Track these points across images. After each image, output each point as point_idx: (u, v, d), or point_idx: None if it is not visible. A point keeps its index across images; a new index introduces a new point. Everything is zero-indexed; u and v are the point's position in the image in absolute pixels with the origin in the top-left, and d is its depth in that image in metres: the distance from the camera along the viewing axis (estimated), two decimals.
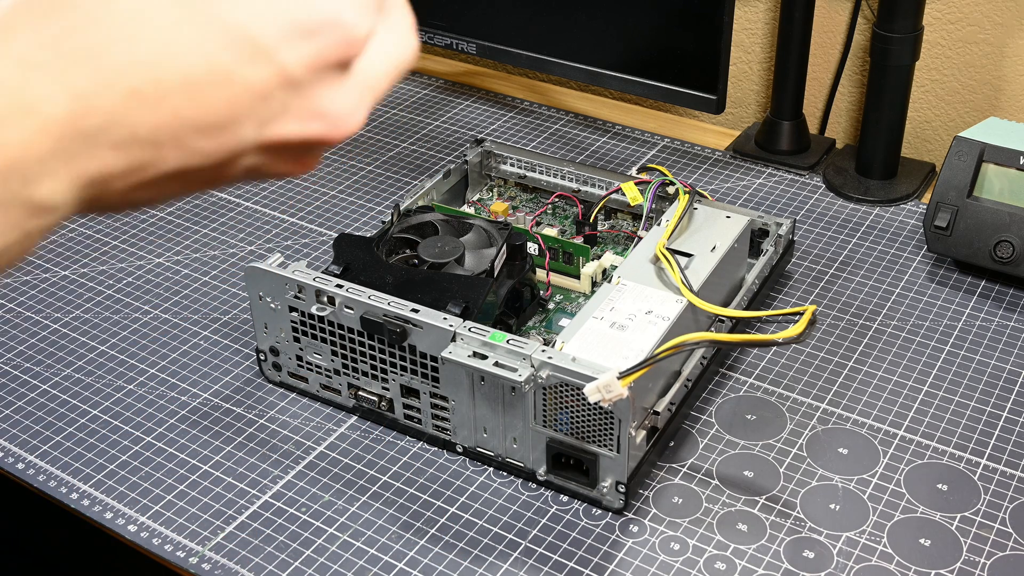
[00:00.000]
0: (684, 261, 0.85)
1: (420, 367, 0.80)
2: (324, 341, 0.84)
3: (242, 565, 0.74)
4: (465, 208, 1.05)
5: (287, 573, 0.73)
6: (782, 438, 0.83)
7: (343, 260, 0.86)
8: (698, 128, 1.26)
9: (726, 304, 0.90)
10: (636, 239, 0.93)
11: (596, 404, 0.69)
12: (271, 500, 0.79)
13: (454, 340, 0.77)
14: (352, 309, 0.81)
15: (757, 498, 0.78)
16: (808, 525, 0.75)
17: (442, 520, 0.77)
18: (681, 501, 0.78)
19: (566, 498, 0.78)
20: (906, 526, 0.75)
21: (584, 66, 1.11)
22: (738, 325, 0.89)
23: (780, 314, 0.90)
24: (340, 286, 0.81)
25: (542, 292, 0.93)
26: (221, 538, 0.76)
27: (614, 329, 0.78)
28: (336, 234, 0.99)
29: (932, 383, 0.87)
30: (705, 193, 0.97)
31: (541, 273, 0.94)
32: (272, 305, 0.85)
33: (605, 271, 0.95)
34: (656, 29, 1.06)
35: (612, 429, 0.73)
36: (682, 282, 0.81)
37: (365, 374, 0.83)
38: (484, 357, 0.75)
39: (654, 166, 1.01)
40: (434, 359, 0.78)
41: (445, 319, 0.78)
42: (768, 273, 0.95)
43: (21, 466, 0.82)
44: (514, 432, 0.78)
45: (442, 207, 0.97)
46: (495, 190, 1.07)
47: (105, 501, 0.79)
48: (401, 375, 0.81)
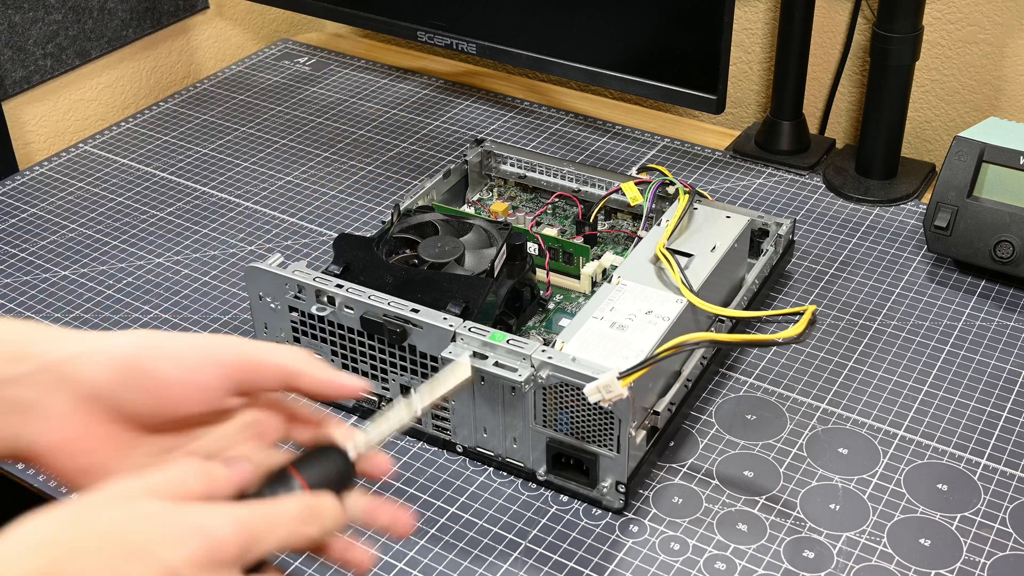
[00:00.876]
0: (684, 261, 0.85)
1: (420, 367, 0.80)
2: (324, 341, 0.84)
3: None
4: (465, 208, 1.05)
5: (287, 573, 0.73)
6: (782, 438, 0.83)
7: (343, 260, 0.86)
8: (698, 128, 1.26)
9: (726, 304, 0.90)
10: (636, 239, 0.93)
11: (596, 404, 0.69)
12: None
13: (454, 340, 0.77)
14: (352, 309, 0.81)
15: (757, 498, 0.78)
16: (808, 525, 0.75)
17: (442, 520, 0.77)
18: (681, 501, 0.78)
19: (566, 498, 0.78)
20: (906, 526, 0.75)
21: (584, 66, 1.11)
22: (738, 325, 0.89)
23: (780, 314, 0.90)
24: (340, 286, 0.81)
25: (542, 292, 0.93)
26: None
27: (614, 329, 0.78)
28: (336, 234, 0.99)
29: (932, 383, 0.87)
30: (705, 193, 0.97)
31: (541, 273, 0.94)
32: (272, 305, 0.85)
33: (605, 271, 0.95)
34: (656, 29, 1.06)
35: (612, 429, 0.73)
36: (682, 282, 0.81)
37: (365, 374, 0.83)
38: (484, 357, 0.75)
39: (654, 166, 1.01)
40: (434, 359, 0.78)
41: (445, 319, 0.78)
42: (768, 273, 0.95)
43: (21, 466, 0.82)
44: (514, 432, 0.78)
45: (442, 207, 0.97)
46: (495, 190, 1.07)
47: None
48: (401, 375, 0.81)
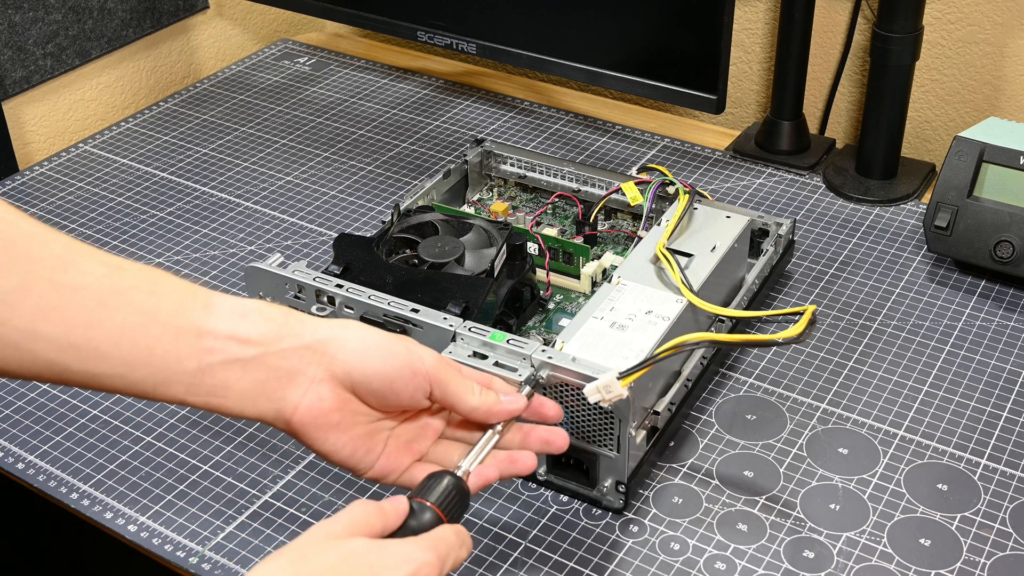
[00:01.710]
0: (684, 261, 0.85)
1: None
2: None
3: (242, 565, 0.74)
4: (465, 208, 1.05)
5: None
6: (782, 438, 0.83)
7: (343, 260, 0.86)
8: (698, 128, 1.26)
9: (726, 304, 0.90)
10: (636, 239, 0.93)
11: (596, 404, 0.69)
12: (271, 500, 0.79)
13: (454, 340, 0.77)
14: (352, 309, 0.81)
15: (757, 498, 0.78)
16: (808, 525, 0.75)
17: None
18: (681, 501, 0.78)
19: (566, 498, 0.78)
20: (906, 526, 0.75)
21: (584, 66, 1.11)
22: (738, 325, 0.89)
23: (780, 314, 0.90)
24: (340, 286, 0.81)
25: (542, 292, 0.93)
26: (221, 538, 0.76)
27: (614, 329, 0.78)
28: (336, 234, 0.99)
29: (932, 383, 0.87)
30: (705, 193, 0.97)
31: (541, 273, 0.94)
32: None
33: (605, 271, 0.95)
34: (656, 29, 1.06)
35: (612, 429, 0.73)
36: (682, 282, 0.81)
37: None
38: (484, 357, 0.75)
39: (654, 166, 1.01)
40: None
41: (445, 319, 0.78)
42: (768, 273, 0.95)
43: (21, 466, 0.82)
44: None
45: (442, 207, 0.97)
46: (495, 190, 1.07)
47: (105, 501, 0.79)
48: None
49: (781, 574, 0.72)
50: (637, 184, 0.98)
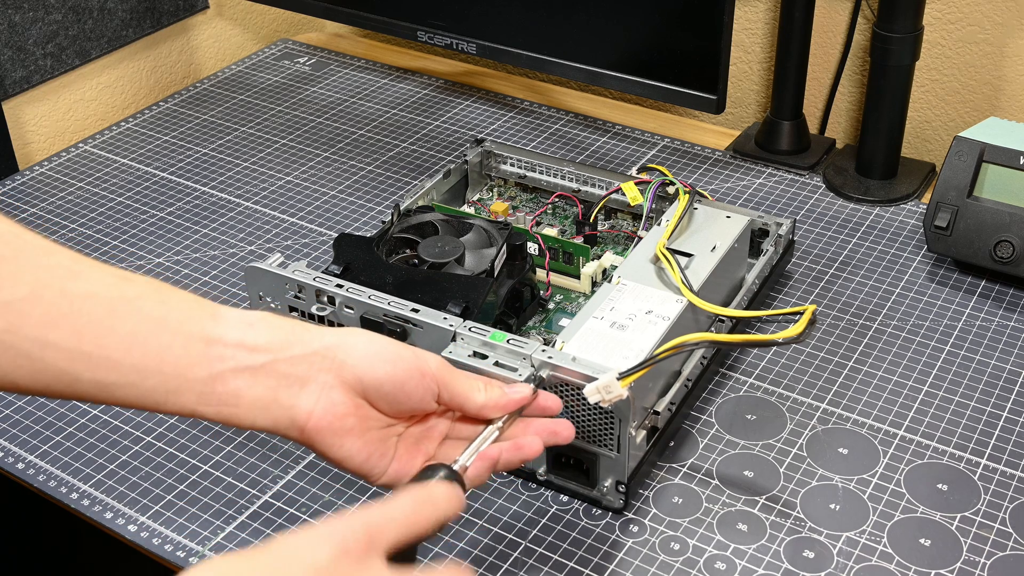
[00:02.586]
0: (684, 261, 0.85)
1: None
2: None
3: None
4: (465, 208, 1.05)
5: None
6: (782, 438, 0.83)
7: (343, 260, 0.86)
8: (698, 128, 1.26)
9: (726, 304, 0.90)
10: (636, 239, 0.93)
11: (596, 404, 0.69)
12: (271, 500, 0.79)
13: (454, 340, 0.77)
14: (352, 309, 0.81)
15: (757, 498, 0.78)
16: (808, 525, 0.75)
17: None
18: (681, 501, 0.78)
19: (566, 498, 0.78)
20: (906, 526, 0.75)
21: (584, 66, 1.11)
22: (738, 325, 0.89)
23: (780, 314, 0.90)
24: (340, 286, 0.81)
25: (542, 292, 0.93)
26: (221, 538, 0.76)
27: (614, 329, 0.78)
28: (336, 234, 0.99)
29: (932, 383, 0.87)
30: (705, 193, 0.97)
31: (541, 273, 0.94)
32: (272, 305, 0.85)
33: (605, 271, 0.95)
34: (656, 29, 1.06)
35: (612, 429, 0.73)
36: (682, 282, 0.81)
37: None
38: (484, 357, 0.75)
39: (654, 166, 1.01)
40: None
41: (445, 319, 0.78)
42: (768, 273, 0.95)
43: (21, 466, 0.82)
44: None
45: (442, 207, 0.97)
46: (495, 190, 1.07)
47: (105, 501, 0.79)
48: None
49: (781, 574, 0.72)
50: (637, 184, 0.98)
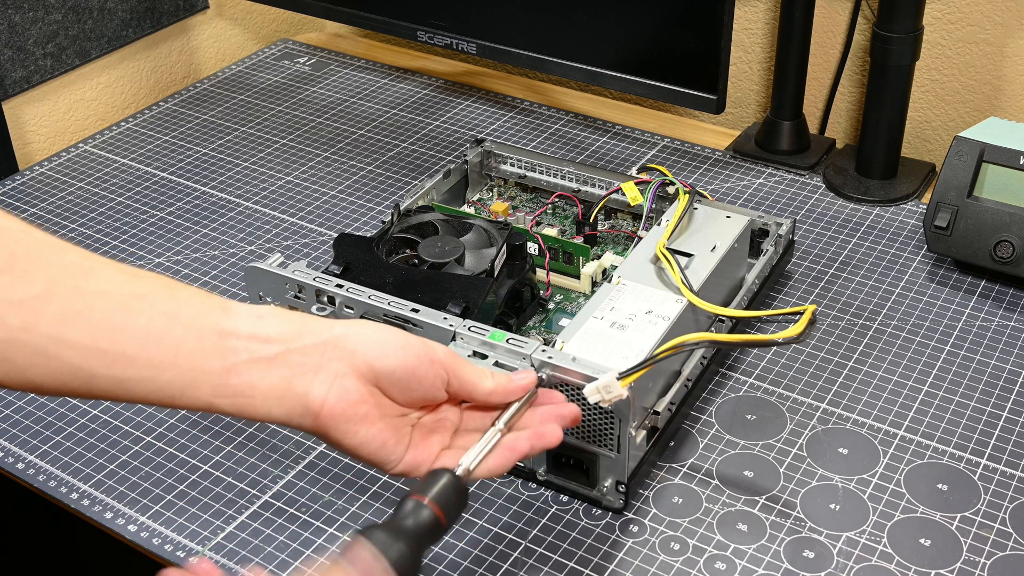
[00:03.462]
0: (684, 261, 0.85)
1: None
2: None
3: (242, 565, 0.74)
4: (465, 208, 1.05)
5: (287, 573, 0.73)
6: (782, 438, 0.83)
7: (343, 260, 0.86)
8: (698, 128, 1.26)
9: (726, 304, 0.90)
10: (636, 239, 0.93)
11: (596, 404, 0.69)
12: (271, 500, 0.79)
13: (454, 340, 0.77)
14: (352, 309, 0.81)
15: (757, 498, 0.78)
16: (808, 525, 0.75)
17: None
18: (681, 501, 0.78)
19: (566, 498, 0.78)
20: (906, 526, 0.75)
21: (584, 66, 1.11)
22: (738, 325, 0.89)
23: (780, 314, 0.90)
24: (340, 286, 0.82)
25: (542, 292, 0.93)
26: (221, 538, 0.76)
27: (614, 329, 0.78)
28: (336, 234, 0.99)
29: (932, 383, 0.87)
30: (705, 193, 0.97)
31: (541, 273, 0.94)
32: (273, 305, 0.85)
33: (605, 271, 0.95)
34: (656, 29, 1.06)
35: (612, 429, 0.73)
36: (682, 282, 0.81)
37: None
38: (484, 357, 0.75)
39: (654, 166, 1.01)
40: None
41: (445, 319, 0.78)
42: (768, 273, 0.95)
43: (21, 466, 0.82)
44: None
45: (442, 207, 0.97)
46: (495, 190, 1.07)
47: (105, 501, 0.79)
48: None
49: (781, 574, 0.72)
50: (637, 184, 0.98)
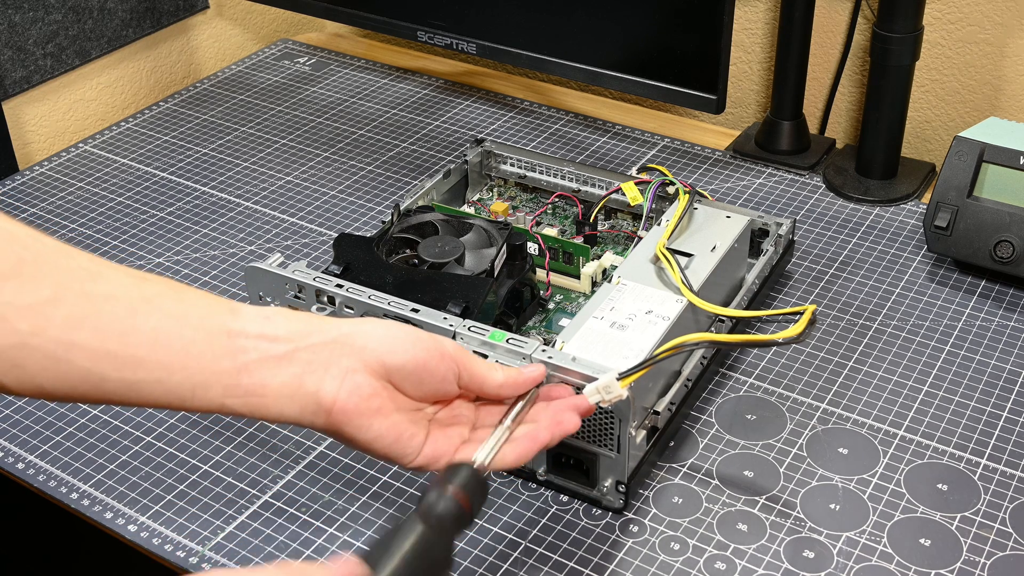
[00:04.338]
0: (684, 261, 0.85)
1: None
2: None
3: (242, 565, 0.74)
4: (465, 208, 1.05)
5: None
6: (782, 438, 0.83)
7: (343, 260, 0.86)
8: (698, 128, 1.26)
9: (726, 304, 0.90)
10: (636, 239, 0.93)
11: (596, 404, 0.69)
12: (271, 500, 0.79)
13: (454, 340, 0.77)
14: (352, 309, 0.81)
15: (757, 498, 0.78)
16: (808, 525, 0.76)
17: None
18: (681, 501, 0.78)
19: (566, 498, 0.78)
20: (906, 526, 0.75)
21: (584, 66, 1.11)
22: (738, 325, 0.89)
23: (780, 314, 0.90)
24: (340, 286, 0.82)
25: (542, 292, 0.93)
26: (221, 538, 0.76)
27: (614, 329, 0.78)
28: (336, 234, 0.99)
29: (932, 383, 0.87)
30: (705, 193, 0.97)
31: (541, 273, 0.94)
32: (272, 305, 0.85)
33: (605, 271, 0.95)
34: (656, 29, 1.06)
35: (612, 429, 0.73)
36: (682, 282, 0.81)
37: None
38: (484, 357, 0.75)
39: (654, 166, 1.01)
40: None
41: (445, 319, 0.78)
42: (768, 273, 0.95)
43: (21, 466, 0.82)
44: None
45: (442, 207, 0.97)
46: (495, 190, 1.07)
47: (105, 501, 0.79)
48: None
49: (781, 574, 0.72)
50: (637, 184, 0.98)
